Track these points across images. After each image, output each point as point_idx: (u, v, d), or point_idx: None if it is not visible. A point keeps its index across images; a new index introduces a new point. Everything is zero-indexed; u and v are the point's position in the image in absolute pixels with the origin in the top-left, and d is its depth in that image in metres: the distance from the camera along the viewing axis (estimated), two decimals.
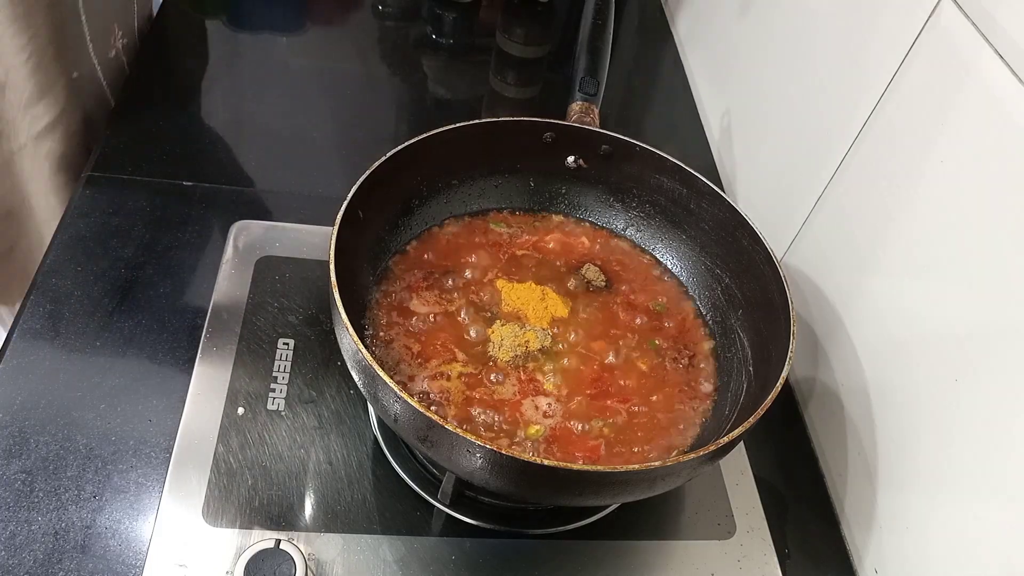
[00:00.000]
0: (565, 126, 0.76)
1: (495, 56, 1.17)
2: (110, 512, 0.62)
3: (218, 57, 1.08)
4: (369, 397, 0.59)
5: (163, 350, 0.72)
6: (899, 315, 0.66)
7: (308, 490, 0.65)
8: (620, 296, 0.75)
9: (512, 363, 0.67)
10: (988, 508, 0.56)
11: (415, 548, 0.64)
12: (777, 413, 0.58)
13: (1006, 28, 0.55)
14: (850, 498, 0.72)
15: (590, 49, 0.81)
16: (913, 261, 0.64)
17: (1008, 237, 0.55)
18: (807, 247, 0.81)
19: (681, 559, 0.67)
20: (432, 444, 0.54)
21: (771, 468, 0.75)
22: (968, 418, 0.58)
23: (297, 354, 0.74)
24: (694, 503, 0.71)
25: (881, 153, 0.69)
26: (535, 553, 0.65)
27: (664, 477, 0.56)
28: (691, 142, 1.10)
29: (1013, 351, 0.54)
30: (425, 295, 0.71)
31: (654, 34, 1.31)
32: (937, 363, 0.61)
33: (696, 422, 0.67)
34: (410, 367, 0.66)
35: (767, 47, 0.93)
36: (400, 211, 0.74)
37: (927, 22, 0.63)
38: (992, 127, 0.56)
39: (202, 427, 0.67)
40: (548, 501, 0.67)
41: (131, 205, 0.83)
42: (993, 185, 0.56)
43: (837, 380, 0.75)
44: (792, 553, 0.69)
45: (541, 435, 0.63)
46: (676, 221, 0.78)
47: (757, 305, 0.70)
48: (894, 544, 0.65)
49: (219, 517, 0.62)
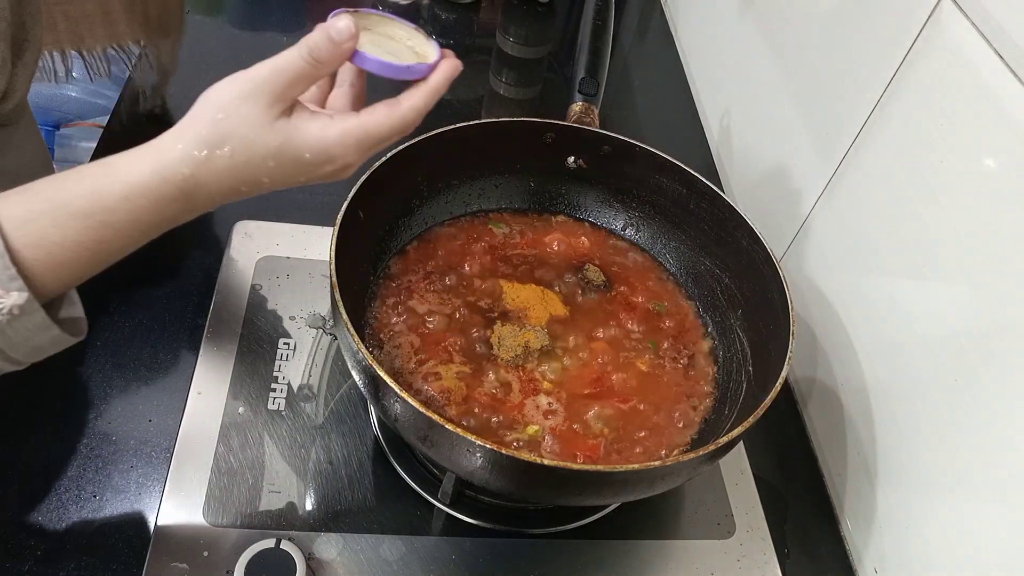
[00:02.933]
0: (565, 126, 0.76)
1: (495, 56, 1.17)
2: (110, 512, 0.62)
3: (218, 57, 1.08)
4: (369, 397, 0.59)
5: (163, 350, 0.72)
6: (899, 315, 0.66)
7: (308, 490, 0.65)
8: (620, 296, 0.75)
9: (512, 363, 0.67)
10: (988, 508, 0.56)
11: (415, 548, 0.64)
12: (777, 413, 0.58)
13: (1006, 28, 0.55)
14: (850, 497, 0.72)
15: (590, 49, 0.81)
16: (913, 261, 0.64)
17: (1008, 237, 0.55)
18: (807, 247, 0.81)
19: (681, 559, 0.67)
20: (432, 444, 0.54)
21: (771, 468, 0.75)
22: (967, 418, 0.58)
23: (297, 354, 0.74)
24: (694, 503, 0.71)
25: (881, 153, 0.69)
26: (535, 553, 0.65)
27: (664, 477, 0.56)
28: (691, 142, 1.10)
29: (1013, 352, 0.54)
30: (425, 295, 0.71)
31: (654, 34, 1.31)
32: (937, 363, 0.61)
33: (696, 422, 0.67)
34: (410, 367, 0.66)
35: (767, 47, 0.93)
36: (400, 211, 0.74)
37: (927, 22, 0.63)
38: (992, 127, 0.56)
39: (202, 427, 0.67)
40: (548, 501, 0.67)
41: None
42: (993, 185, 0.56)
43: (837, 380, 0.75)
44: (792, 553, 0.69)
45: (541, 435, 0.63)
46: (676, 221, 0.78)
47: (757, 305, 0.70)
48: (894, 544, 0.65)
49: (219, 517, 0.62)
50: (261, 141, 0.47)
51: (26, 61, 0.60)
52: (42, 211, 0.44)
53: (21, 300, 0.43)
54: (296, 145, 0.47)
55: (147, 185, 0.45)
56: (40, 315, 0.45)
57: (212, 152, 0.46)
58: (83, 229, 0.45)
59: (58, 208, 0.44)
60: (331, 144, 0.48)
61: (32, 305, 0.44)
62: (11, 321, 0.44)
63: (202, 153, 0.46)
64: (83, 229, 0.45)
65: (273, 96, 0.46)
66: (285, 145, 0.47)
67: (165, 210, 0.47)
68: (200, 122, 0.46)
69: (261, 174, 0.48)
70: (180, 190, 0.46)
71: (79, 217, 0.44)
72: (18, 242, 0.43)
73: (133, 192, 0.45)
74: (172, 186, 0.46)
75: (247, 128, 0.46)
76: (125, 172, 0.45)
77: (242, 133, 0.46)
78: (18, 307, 0.43)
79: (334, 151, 0.48)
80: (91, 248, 0.45)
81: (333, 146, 0.48)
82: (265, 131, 0.47)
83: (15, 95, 0.61)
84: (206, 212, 0.49)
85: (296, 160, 0.48)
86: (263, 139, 0.47)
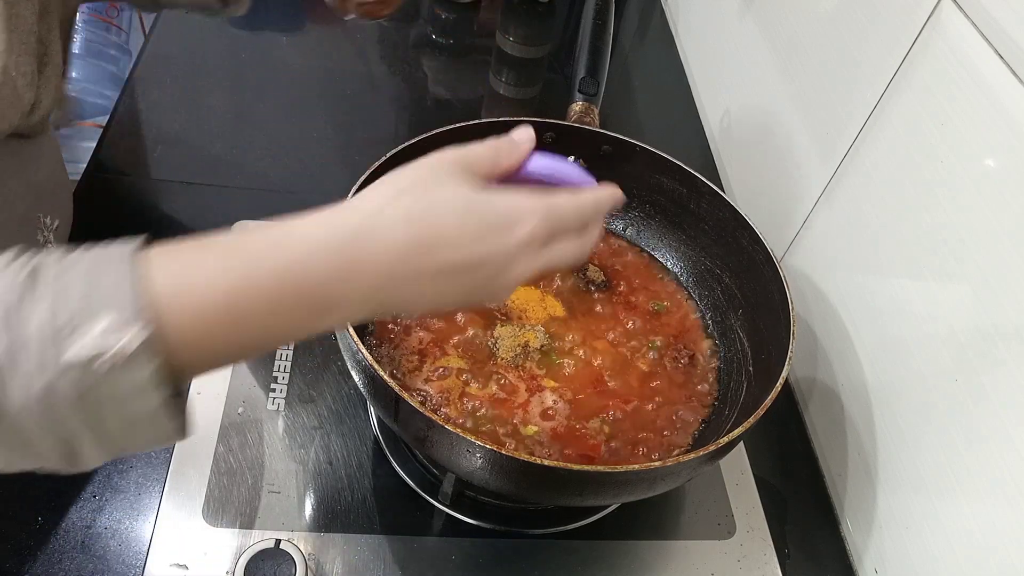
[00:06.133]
0: (565, 126, 0.76)
1: (495, 56, 1.17)
2: (110, 512, 0.62)
3: (218, 57, 1.08)
4: (369, 397, 0.59)
5: None
6: (899, 315, 0.66)
7: (308, 490, 0.65)
8: (620, 296, 0.75)
9: (512, 363, 0.67)
10: (988, 508, 0.56)
11: (415, 548, 0.64)
12: (777, 413, 0.58)
13: (1006, 28, 0.55)
14: (850, 498, 0.72)
15: (590, 49, 0.81)
16: (914, 261, 0.64)
17: (1008, 237, 0.55)
18: (807, 247, 0.81)
19: (681, 559, 0.67)
20: (432, 444, 0.54)
21: (771, 468, 0.75)
22: (968, 418, 0.58)
23: (297, 354, 0.74)
24: (694, 503, 0.71)
25: (881, 153, 0.69)
26: (535, 553, 0.65)
27: (664, 477, 0.56)
28: (691, 142, 1.10)
29: (1013, 352, 0.54)
30: None
31: (654, 34, 1.31)
32: (937, 363, 0.61)
33: (696, 422, 0.67)
34: (410, 367, 0.66)
35: (767, 47, 0.93)
36: None
37: (927, 22, 0.63)
38: (992, 127, 0.56)
39: (202, 427, 0.67)
40: (548, 501, 0.67)
41: (131, 205, 0.83)
42: (993, 185, 0.56)
43: (837, 380, 0.75)
44: (792, 553, 0.69)
45: (540, 435, 0.63)
46: (676, 221, 0.78)
47: (757, 305, 0.70)
48: (894, 544, 0.65)
49: (219, 517, 0.62)
50: (442, 193, 0.41)
51: (48, 75, 0.59)
52: (193, 251, 0.38)
53: (140, 339, 0.34)
54: (482, 200, 0.42)
55: (305, 235, 0.38)
56: (150, 368, 0.34)
57: (386, 203, 0.40)
58: (224, 271, 0.37)
59: (207, 246, 0.38)
60: (520, 204, 0.42)
61: (151, 348, 0.34)
62: (117, 369, 0.34)
63: (374, 204, 0.40)
64: (224, 271, 0.37)
65: (459, 165, 0.43)
66: (471, 201, 0.41)
67: (317, 271, 0.38)
68: (375, 188, 0.41)
69: (438, 233, 0.40)
70: (344, 244, 0.38)
71: (220, 256, 0.38)
72: (158, 274, 0.36)
73: (286, 241, 0.38)
74: (336, 238, 0.38)
75: (427, 178, 0.41)
76: (285, 229, 0.39)
77: (422, 182, 0.41)
78: (134, 349, 0.33)
79: (523, 210, 0.42)
80: (227, 306, 0.37)
81: (522, 206, 0.42)
82: (448, 185, 0.41)
83: (41, 108, 0.60)
84: (360, 309, 0.40)
85: (481, 219, 0.41)
86: (444, 190, 0.41)
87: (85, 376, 0.33)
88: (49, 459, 0.37)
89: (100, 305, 0.34)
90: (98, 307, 0.34)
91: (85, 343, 0.33)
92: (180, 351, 0.36)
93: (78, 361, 0.33)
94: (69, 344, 0.33)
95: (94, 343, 0.33)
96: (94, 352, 0.33)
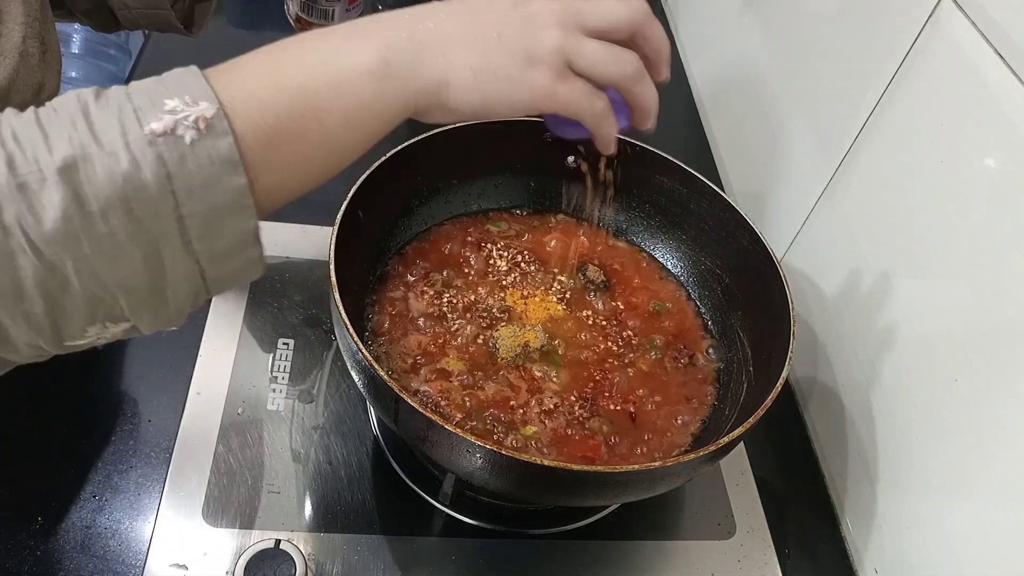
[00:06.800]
0: None
1: None
2: (110, 512, 0.62)
3: (218, 57, 1.07)
4: (369, 397, 0.59)
5: (163, 350, 0.72)
6: (900, 315, 0.66)
7: (308, 490, 0.65)
8: (620, 296, 0.75)
9: (512, 363, 0.67)
10: (988, 508, 0.56)
11: (415, 548, 0.64)
12: (777, 413, 0.58)
13: (1006, 28, 0.55)
14: (850, 498, 0.72)
15: None
16: (914, 261, 0.64)
17: (1008, 237, 0.55)
18: (807, 247, 0.81)
19: (681, 559, 0.67)
20: (432, 444, 0.54)
21: (771, 468, 0.75)
22: (968, 418, 0.58)
23: (297, 354, 0.74)
24: (694, 503, 0.71)
25: (881, 153, 0.69)
26: (535, 553, 0.65)
27: (664, 477, 0.56)
28: (691, 142, 1.10)
29: (1013, 351, 0.54)
30: (425, 295, 0.71)
31: None
32: (937, 363, 0.61)
33: (696, 422, 0.67)
34: (409, 367, 0.66)
35: (767, 48, 0.93)
36: (400, 211, 0.74)
37: (927, 22, 0.63)
38: (992, 127, 0.56)
39: (202, 427, 0.67)
40: (548, 501, 0.67)
41: None
42: (993, 185, 0.56)
43: (837, 380, 0.75)
44: (792, 553, 0.69)
45: (540, 435, 0.63)
46: (676, 221, 0.78)
47: (757, 305, 0.70)
48: (894, 544, 0.65)
49: (219, 517, 0.62)
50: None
51: (48, 60, 0.59)
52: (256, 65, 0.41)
53: (210, 112, 0.36)
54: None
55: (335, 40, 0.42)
56: (227, 141, 0.36)
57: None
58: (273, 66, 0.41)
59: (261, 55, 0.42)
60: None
61: (221, 124, 0.36)
62: (195, 143, 0.35)
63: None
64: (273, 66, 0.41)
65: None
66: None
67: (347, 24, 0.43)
68: None
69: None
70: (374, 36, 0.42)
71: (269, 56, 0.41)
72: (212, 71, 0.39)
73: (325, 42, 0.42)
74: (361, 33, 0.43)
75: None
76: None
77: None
78: (205, 119, 0.35)
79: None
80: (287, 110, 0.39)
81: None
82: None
83: (46, 91, 0.61)
84: (395, 38, 0.44)
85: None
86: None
87: (169, 148, 0.35)
88: (136, 287, 0.37)
89: (172, 90, 0.36)
90: (172, 89, 0.36)
91: (164, 115, 0.35)
92: (246, 136, 0.37)
93: (161, 129, 0.35)
94: (149, 118, 0.35)
95: (172, 116, 0.35)
96: (174, 121, 0.35)
